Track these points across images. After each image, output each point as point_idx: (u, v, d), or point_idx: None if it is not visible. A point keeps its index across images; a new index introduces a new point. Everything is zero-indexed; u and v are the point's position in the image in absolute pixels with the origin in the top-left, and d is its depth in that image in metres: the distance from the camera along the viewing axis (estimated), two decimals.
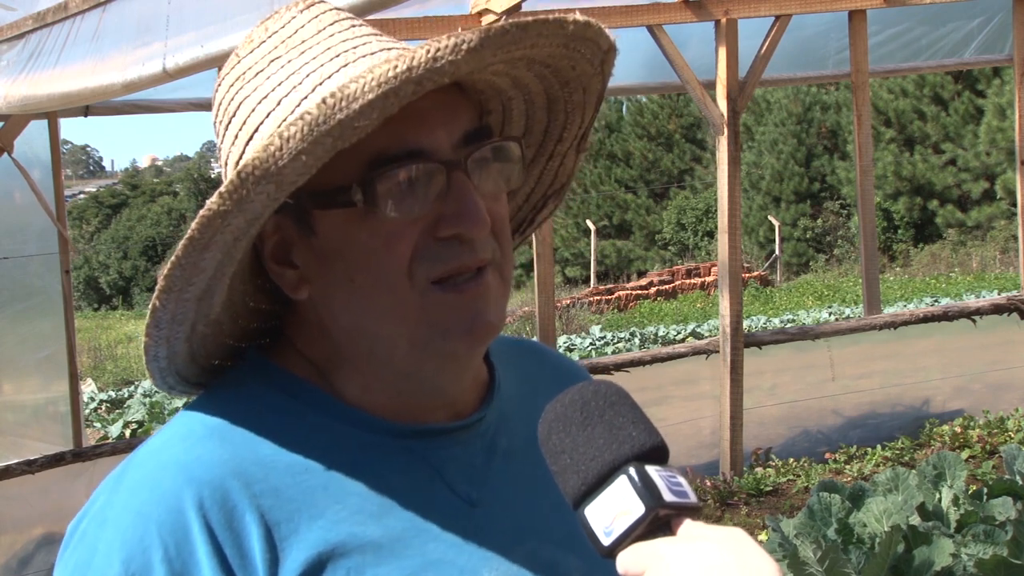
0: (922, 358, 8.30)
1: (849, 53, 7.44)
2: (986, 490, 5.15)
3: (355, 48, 1.00)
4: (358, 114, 0.87)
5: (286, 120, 0.96)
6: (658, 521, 0.84)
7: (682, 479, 0.86)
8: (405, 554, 0.99)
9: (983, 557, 4.14)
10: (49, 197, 6.51)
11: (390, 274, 0.99)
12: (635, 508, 0.83)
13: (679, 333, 16.64)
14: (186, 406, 1.06)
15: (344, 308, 1.02)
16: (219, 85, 1.06)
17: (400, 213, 0.97)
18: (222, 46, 3.83)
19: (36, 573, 6.18)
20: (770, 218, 28.97)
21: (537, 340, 3.94)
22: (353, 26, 1.03)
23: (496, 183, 1.03)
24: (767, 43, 6.66)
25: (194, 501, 0.94)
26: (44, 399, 7.14)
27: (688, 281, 24.92)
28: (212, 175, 54.34)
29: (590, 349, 15.54)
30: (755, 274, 25.65)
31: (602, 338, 16.81)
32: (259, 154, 0.88)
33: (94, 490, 1.01)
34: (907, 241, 28.02)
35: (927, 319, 7.55)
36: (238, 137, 1.02)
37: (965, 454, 6.87)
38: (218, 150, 1.08)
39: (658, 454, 0.87)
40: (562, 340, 16.19)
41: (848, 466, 6.99)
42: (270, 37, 1.03)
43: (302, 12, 1.04)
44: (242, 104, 1.02)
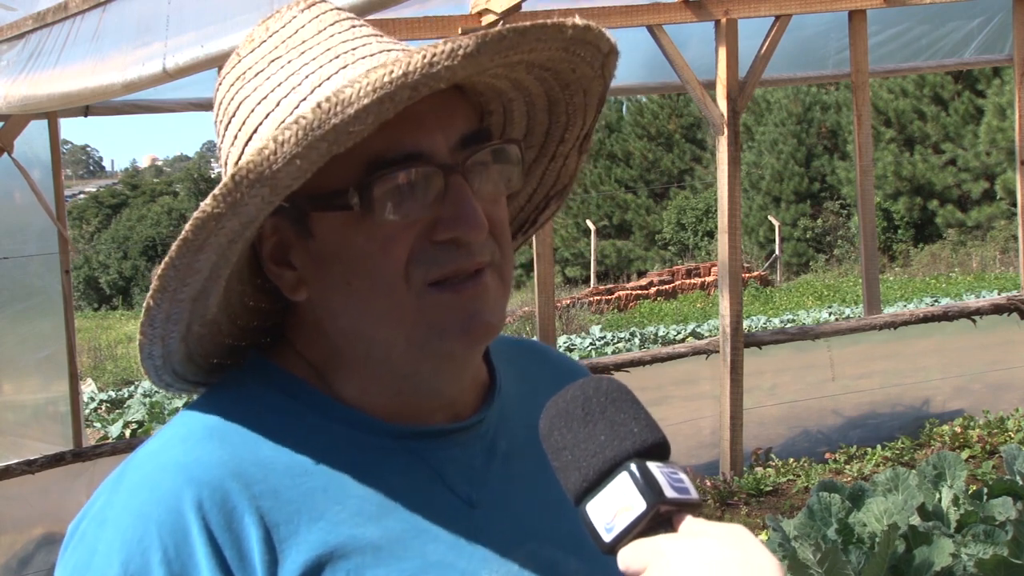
0: (922, 358, 8.29)
1: (849, 53, 7.44)
2: (986, 490, 5.15)
3: (354, 49, 0.99)
4: (353, 119, 0.86)
5: (284, 122, 0.95)
6: (659, 517, 0.83)
7: (684, 475, 0.86)
8: (405, 555, 0.98)
9: (983, 557, 4.13)
10: (49, 197, 6.51)
11: (387, 277, 0.98)
12: (636, 504, 0.83)
13: (679, 333, 16.64)
14: (186, 406, 1.06)
15: (341, 310, 1.01)
16: (220, 84, 1.06)
17: (397, 217, 0.96)
18: (222, 46, 3.82)
19: (36, 573, 6.18)
20: (770, 218, 28.96)
21: (537, 340, 3.94)
22: (354, 26, 1.03)
23: (495, 186, 1.02)
24: (767, 43, 6.66)
25: (193, 502, 0.93)
26: (44, 399, 7.14)
27: (688, 281, 24.91)
28: (212, 175, 54.32)
29: (590, 349, 15.54)
30: (755, 274, 25.64)
31: (602, 338, 16.81)
32: (253, 157, 0.88)
33: (94, 490, 1.01)
34: (907, 241, 28.02)
35: (927, 319, 7.55)
36: (237, 137, 1.01)
37: (965, 454, 6.87)
38: (218, 149, 1.07)
39: (660, 450, 0.87)
40: (562, 340, 16.19)
41: (848, 466, 6.99)
42: (271, 37, 1.03)
43: (303, 12, 1.04)
44: (242, 104, 1.01)
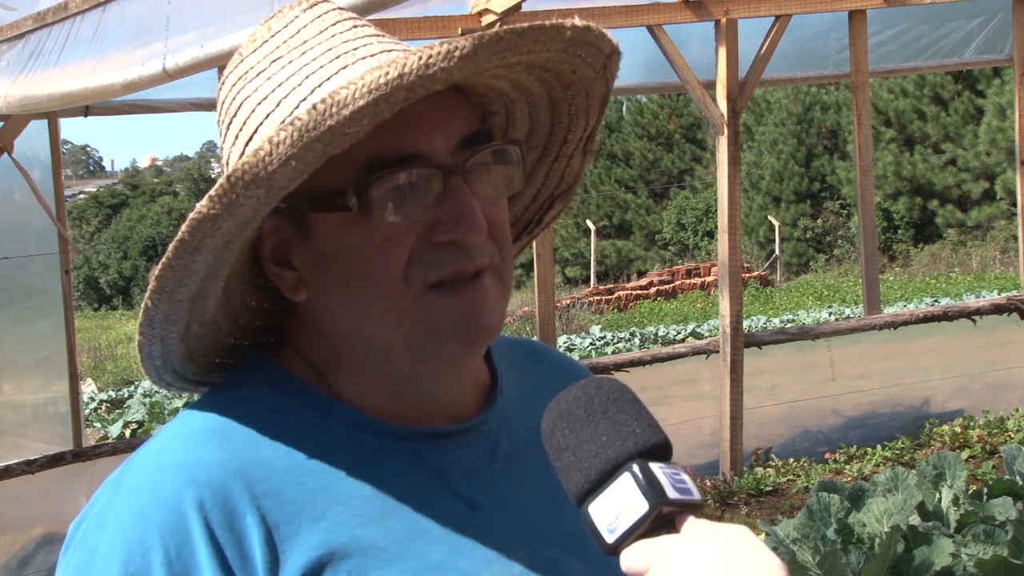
0: (922, 358, 8.29)
1: (849, 53, 7.44)
2: (986, 490, 5.15)
3: (355, 50, 0.99)
4: (348, 120, 0.86)
5: (283, 123, 0.95)
6: (662, 518, 0.83)
7: (686, 476, 0.86)
8: (406, 556, 0.98)
9: (983, 557, 4.13)
10: (49, 197, 6.51)
11: (386, 279, 0.98)
12: (639, 505, 0.83)
13: (679, 333, 16.63)
14: (187, 406, 1.06)
15: (340, 311, 1.01)
16: (222, 84, 1.06)
17: (395, 218, 0.96)
18: (222, 46, 3.83)
19: (36, 573, 6.18)
20: (770, 218, 28.95)
21: (537, 340, 3.94)
22: (355, 26, 1.02)
23: (496, 187, 1.02)
24: (767, 43, 6.66)
25: (195, 502, 0.93)
26: (44, 399, 7.14)
27: (688, 281, 24.90)
28: (212, 175, 54.31)
29: (590, 349, 15.54)
30: (755, 274, 25.64)
31: (602, 338, 16.80)
32: (249, 159, 0.87)
33: (94, 490, 1.00)
34: (907, 241, 28.01)
35: (927, 319, 7.55)
36: (238, 138, 1.01)
37: (965, 454, 6.87)
38: (220, 149, 1.07)
39: (662, 451, 0.87)
40: (562, 340, 16.19)
41: (848, 466, 6.99)
42: (273, 36, 1.03)
43: (305, 11, 1.04)
44: (243, 104, 1.01)
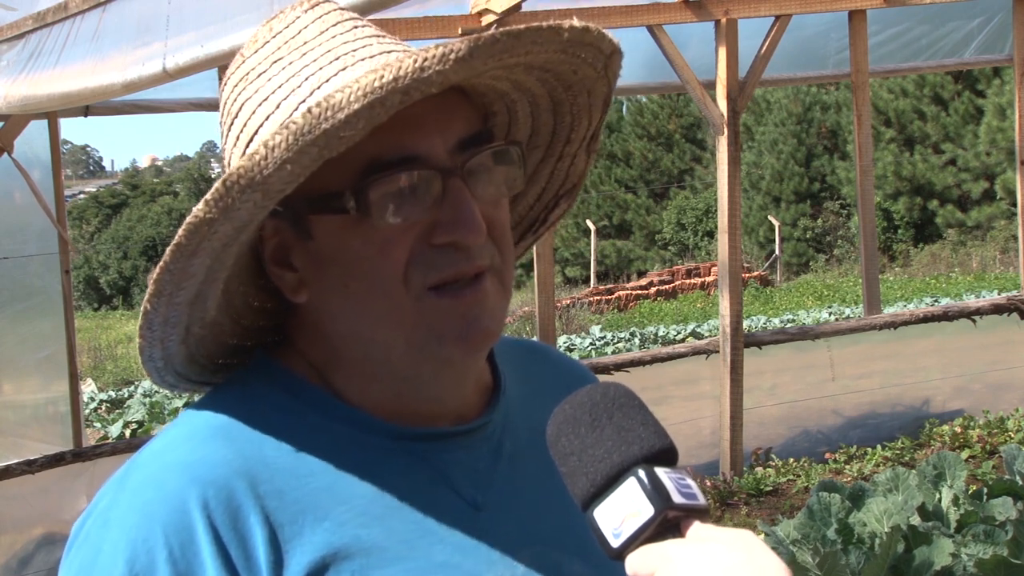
0: (922, 358, 8.29)
1: (849, 53, 7.43)
2: (986, 490, 5.15)
3: (355, 51, 0.98)
4: (343, 124, 0.86)
5: (280, 126, 0.95)
6: (667, 523, 0.83)
7: (691, 481, 0.86)
8: (410, 556, 0.98)
9: (983, 557, 4.14)
10: (49, 197, 6.51)
11: (385, 281, 0.98)
12: (644, 510, 0.83)
13: (679, 333, 16.64)
14: (190, 406, 1.05)
15: (340, 313, 1.01)
16: (224, 85, 1.06)
17: (394, 220, 0.96)
18: (222, 46, 3.82)
19: (36, 573, 6.17)
20: (770, 218, 28.96)
21: (537, 340, 3.93)
22: (356, 27, 1.02)
23: (497, 188, 1.01)
24: (767, 43, 6.66)
25: (199, 501, 0.93)
26: (44, 399, 7.13)
27: (688, 281, 24.91)
28: (212, 175, 54.33)
29: (590, 349, 15.54)
30: (755, 274, 25.64)
31: (602, 338, 16.80)
32: (244, 163, 0.87)
33: (94, 490, 1.00)
34: (907, 241, 28.02)
35: (927, 319, 7.55)
36: (239, 139, 1.01)
37: (965, 454, 6.87)
38: (222, 150, 1.07)
39: (667, 456, 0.87)
40: (562, 340, 16.18)
41: (848, 466, 6.99)
42: (274, 37, 1.03)
43: (306, 12, 1.04)
44: (244, 105, 1.01)
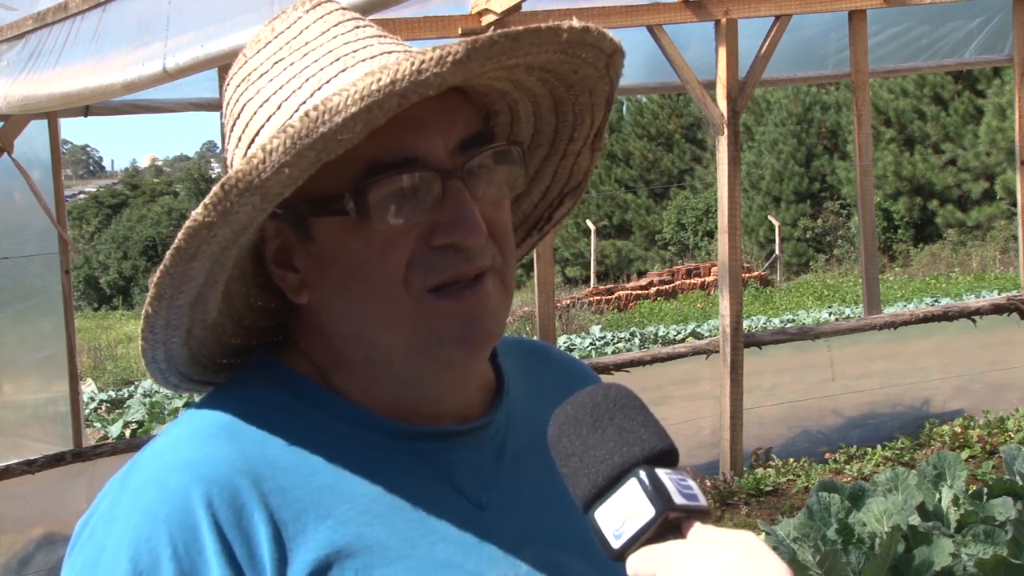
0: (922, 358, 8.29)
1: (849, 53, 7.44)
2: (986, 490, 5.15)
3: (355, 52, 0.98)
4: (341, 128, 0.86)
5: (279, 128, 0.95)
6: (668, 524, 0.83)
7: (692, 482, 0.86)
8: (413, 555, 0.98)
9: (983, 557, 4.14)
10: (49, 197, 6.51)
11: (385, 283, 0.98)
12: (645, 511, 0.83)
13: (679, 333, 16.63)
14: (192, 405, 1.06)
15: (341, 315, 1.01)
16: (227, 86, 1.06)
17: (394, 222, 0.96)
18: (222, 46, 3.82)
19: (36, 573, 6.17)
20: (770, 218, 28.96)
21: (538, 339, 3.93)
22: (358, 27, 1.02)
23: (498, 189, 1.01)
24: (767, 43, 6.66)
25: (203, 499, 0.93)
26: (44, 399, 7.13)
27: (688, 281, 24.91)
28: (212, 175, 54.31)
29: (590, 349, 15.53)
30: (755, 274, 25.64)
31: (602, 338, 16.80)
32: (242, 167, 0.88)
33: (94, 490, 1.00)
34: (907, 241, 28.02)
35: (927, 319, 7.55)
36: (241, 140, 1.01)
37: (965, 454, 6.87)
38: (224, 150, 1.07)
39: (668, 457, 0.87)
40: (562, 340, 16.18)
41: (848, 466, 6.99)
42: (276, 37, 1.03)
43: (308, 12, 1.04)
44: (246, 106, 1.01)
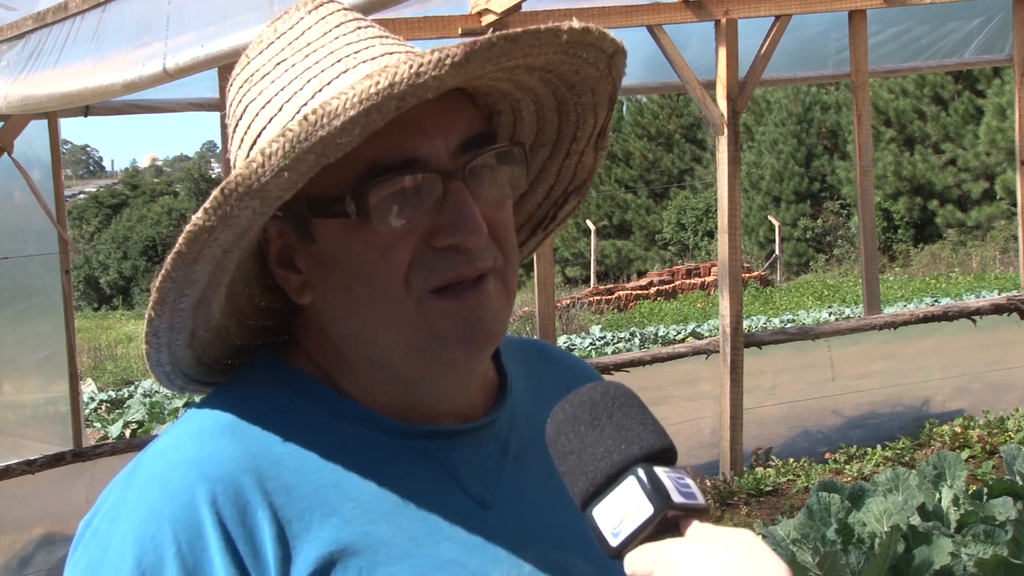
0: (922, 358, 8.29)
1: (849, 53, 7.44)
2: (986, 490, 5.15)
3: (356, 53, 0.98)
4: (339, 131, 0.86)
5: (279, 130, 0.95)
6: (666, 522, 0.83)
7: (690, 480, 0.86)
8: (417, 553, 0.98)
9: (983, 557, 4.14)
10: (49, 197, 6.51)
11: (387, 284, 0.98)
12: (643, 509, 0.83)
13: (679, 333, 16.63)
14: (196, 404, 1.06)
15: (343, 316, 1.01)
16: (230, 86, 1.06)
17: (395, 223, 0.96)
18: (222, 46, 3.82)
19: (36, 573, 6.17)
20: (770, 218, 28.95)
21: (539, 339, 3.92)
22: (359, 28, 1.02)
23: (500, 189, 1.01)
24: (767, 43, 6.66)
25: (207, 497, 0.93)
26: (44, 399, 7.13)
27: (688, 281, 24.91)
28: (212, 175, 54.29)
29: (590, 349, 15.53)
30: (755, 274, 25.64)
31: (602, 338, 16.80)
32: (242, 170, 0.88)
33: (94, 490, 1.01)
34: (907, 241, 28.02)
35: (927, 319, 7.56)
36: (243, 141, 1.02)
37: (965, 454, 6.87)
38: (227, 151, 1.07)
39: (666, 455, 0.87)
40: (562, 340, 16.18)
41: (848, 466, 6.99)
42: (278, 38, 1.03)
43: (310, 13, 1.04)
44: (248, 107, 1.01)
